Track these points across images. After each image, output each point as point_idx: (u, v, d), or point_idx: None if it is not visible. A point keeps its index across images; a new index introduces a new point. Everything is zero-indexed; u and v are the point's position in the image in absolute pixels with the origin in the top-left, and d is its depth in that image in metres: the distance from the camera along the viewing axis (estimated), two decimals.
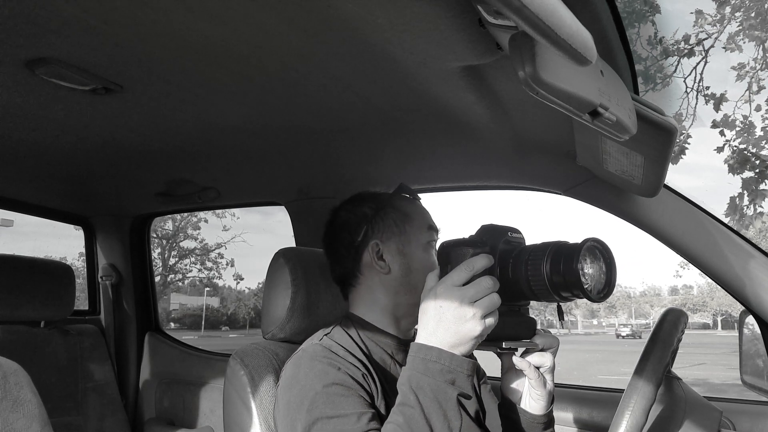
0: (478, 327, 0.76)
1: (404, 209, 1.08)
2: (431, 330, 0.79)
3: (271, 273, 1.19)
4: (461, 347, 0.77)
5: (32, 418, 0.70)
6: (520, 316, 0.89)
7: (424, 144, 1.30)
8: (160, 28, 0.81)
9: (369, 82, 0.98)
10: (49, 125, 1.24)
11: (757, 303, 1.09)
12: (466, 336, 0.77)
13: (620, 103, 0.70)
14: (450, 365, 0.77)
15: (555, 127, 1.10)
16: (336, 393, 0.86)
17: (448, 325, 0.77)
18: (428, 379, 0.76)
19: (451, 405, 0.76)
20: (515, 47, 0.59)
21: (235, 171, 1.59)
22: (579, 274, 0.76)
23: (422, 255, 1.05)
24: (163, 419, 2.03)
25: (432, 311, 0.79)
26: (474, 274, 0.79)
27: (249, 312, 34.00)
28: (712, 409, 0.92)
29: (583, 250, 0.77)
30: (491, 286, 0.77)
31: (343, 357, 0.94)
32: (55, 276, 1.83)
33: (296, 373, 0.92)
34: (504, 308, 0.82)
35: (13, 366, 0.72)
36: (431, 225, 1.09)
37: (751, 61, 5.74)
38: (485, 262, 0.80)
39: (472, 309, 0.76)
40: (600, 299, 0.80)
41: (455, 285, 0.78)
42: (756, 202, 5.33)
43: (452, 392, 0.76)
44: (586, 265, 0.79)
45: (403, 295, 1.03)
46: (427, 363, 0.77)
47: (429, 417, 0.75)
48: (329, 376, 0.88)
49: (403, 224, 1.06)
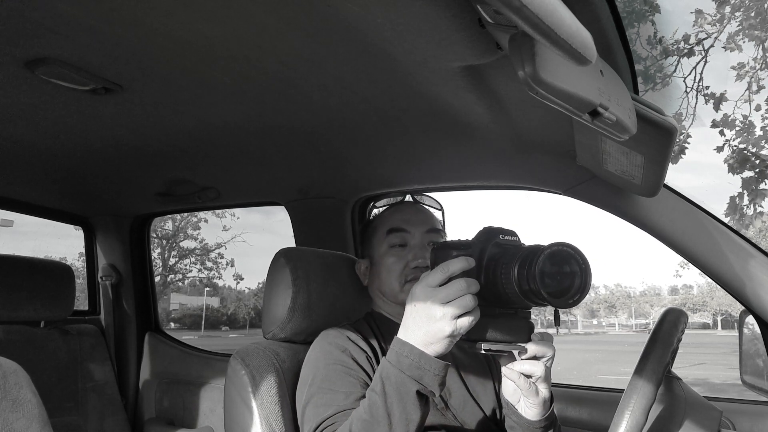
0: (447, 327, 0.78)
1: (374, 222, 1.24)
2: (407, 327, 0.83)
3: (272, 273, 1.19)
4: (433, 346, 0.80)
5: (32, 418, 0.70)
6: (512, 318, 0.87)
7: (424, 144, 1.30)
8: (160, 28, 0.81)
9: (369, 82, 0.98)
10: (49, 125, 1.24)
11: (757, 303, 1.09)
12: (436, 335, 0.79)
13: (620, 103, 0.70)
14: (419, 362, 0.80)
15: (555, 127, 1.09)
16: (335, 371, 0.99)
17: (420, 323, 0.81)
18: (396, 371, 0.81)
19: (410, 398, 0.80)
20: (515, 47, 0.59)
21: (235, 171, 1.59)
22: (537, 280, 0.74)
23: (386, 260, 1.16)
24: (163, 419, 2.03)
25: (409, 310, 0.84)
26: (450, 276, 0.80)
27: (249, 312, 34.01)
28: (712, 409, 0.92)
29: (543, 256, 0.75)
30: (464, 288, 0.79)
31: (354, 341, 1.06)
32: (55, 276, 1.83)
33: (310, 353, 1.07)
34: (495, 311, 0.83)
35: (13, 366, 0.72)
36: (392, 228, 1.17)
37: (751, 61, 5.74)
38: (462, 264, 0.81)
39: (442, 309, 0.78)
40: (569, 305, 0.77)
41: (430, 286, 0.81)
42: (756, 201, 5.32)
43: (412, 386, 0.80)
44: (547, 270, 0.76)
45: (384, 299, 1.18)
46: (400, 357, 0.81)
47: (389, 406, 0.80)
48: (333, 356, 1.02)
49: (370, 238, 1.22)
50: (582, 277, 0.77)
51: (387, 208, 1.25)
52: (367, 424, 0.81)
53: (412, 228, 1.16)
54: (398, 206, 1.24)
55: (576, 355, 21.03)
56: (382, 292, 1.17)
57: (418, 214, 1.20)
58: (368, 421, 0.81)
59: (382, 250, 1.17)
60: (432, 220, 1.21)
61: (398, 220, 1.18)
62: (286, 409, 1.08)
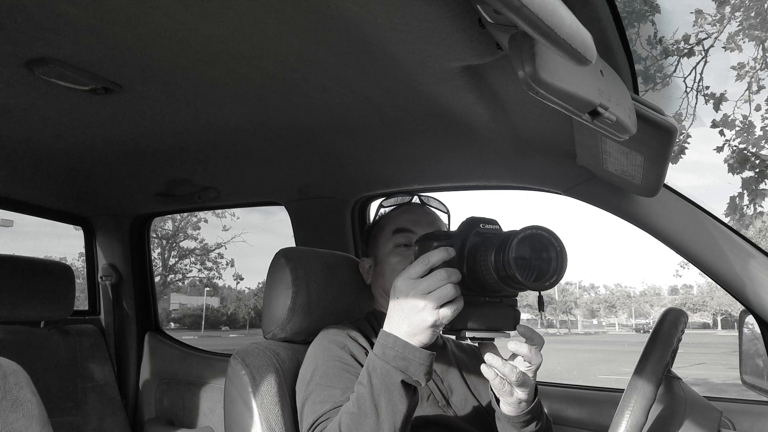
0: (429, 317, 0.79)
1: (381, 222, 1.24)
2: (392, 319, 0.84)
3: (272, 273, 1.19)
4: (418, 336, 0.81)
5: (32, 418, 0.70)
6: (497, 307, 0.86)
7: (424, 144, 1.30)
8: (160, 28, 0.81)
9: (369, 82, 0.98)
10: (49, 125, 1.24)
11: (757, 303, 1.09)
12: (419, 326, 0.80)
13: (620, 103, 0.70)
14: (403, 352, 0.81)
15: (555, 127, 1.09)
16: (333, 367, 1.00)
17: (403, 315, 0.82)
18: (382, 362, 0.82)
19: (395, 388, 0.81)
20: (515, 47, 0.59)
21: (235, 171, 1.59)
22: (512, 265, 0.75)
23: (391, 259, 1.17)
24: (163, 419, 2.03)
25: (392, 303, 0.85)
26: (431, 267, 0.81)
27: (249, 312, 34.01)
28: (712, 409, 0.92)
29: (516, 240, 0.76)
30: (444, 277, 0.80)
31: (354, 339, 1.07)
32: (55, 276, 1.83)
33: (309, 351, 1.08)
34: (479, 300, 0.83)
35: (13, 366, 0.72)
36: (399, 227, 1.18)
37: (751, 61, 5.74)
38: (442, 255, 0.82)
39: (423, 300, 0.79)
40: (546, 287, 0.78)
41: (411, 278, 0.82)
42: (756, 201, 5.32)
43: (397, 376, 0.80)
44: (522, 254, 0.77)
45: (386, 297, 1.16)
46: (385, 348, 0.82)
47: (376, 397, 0.81)
48: (331, 353, 1.03)
49: (376, 237, 1.23)
50: (558, 259, 0.78)
51: (394, 208, 1.26)
52: (355, 417, 0.82)
53: (419, 229, 1.16)
54: (406, 207, 1.25)
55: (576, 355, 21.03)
56: (385, 290, 1.18)
57: (425, 215, 1.21)
58: (356, 413, 0.82)
59: (388, 249, 1.18)
60: (438, 222, 1.22)
61: (405, 221, 1.19)
62: (286, 409, 1.08)
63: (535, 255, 0.78)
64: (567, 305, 62.10)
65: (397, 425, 0.80)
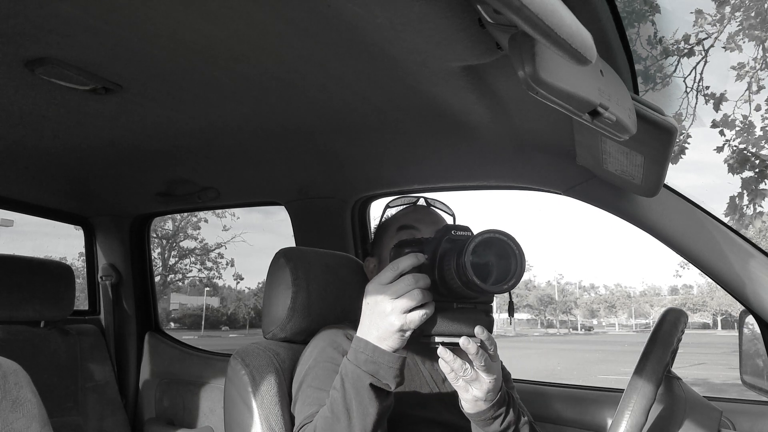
0: (396, 321, 0.80)
1: (386, 222, 1.23)
2: (363, 324, 0.86)
3: (272, 273, 1.19)
4: (387, 341, 0.82)
5: (32, 418, 0.70)
6: (469, 312, 0.86)
7: (424, 144, 1.30)
8: (160, 28, 0.81)
9: (369, 82, 0.98)
10: (49, 125, 1.24)
11: (757, 303, 1.09)
12: (387, 330, 0.81)
13: (620, 103, 0.70)
14: (373, 356, 0.82)
15: (555, 127, 1.09)
16: (325, 369, 1.00)
17: (372, 319, 0.84)
18: (353, 366, 0.83)
19: (364, 391, 0.82)
20: (515, 47, 0.59)
21: (235, 171, 1.59)
22: (469, 270, 0.75)
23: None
24: (162, 419, 2.03)
25: (364, 307, 0.86)
26: (401, 272, 0.82)
27: (249, 312, 34.02)
28: (712, 409, 0.92)
29: (472, 246, 0.76)
30: (412, 283, 0.81)
31: (350, 339, 1.04)
32: (55, 276, 1.83)
33: (305, 351, 1.09)
34: (452, 305, 0.84)
35: (13, 366, 0.72)
36: (403, 225, 1.17)
37: (751, 61, 5.74)
38: (411, 261, 0.83)
39: (392, 304, 0.81)
40: (504, 290, 0.78)
41: (381, 284, 0.83)
42: (756, 201, 5.32)
43: (366, 380, 0.82)
44: (477, 259, 0.77)
45: None
46: (356, 353, 0.84)
47: (348, 401, 0.83)
48: (325, 354, 1.03)
49: (381, 236, 1.22)
50: (516, 262, 0.78)
51: (400, 209, 1.27)
52: (329, 421, 0.83)
53: (423, 227, 1.16)
54: (411, 207, 1.26)
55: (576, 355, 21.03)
56: None
57: (430, 215, 1.22)
58: (329, 417, 0.84)
59: (392, 247, 1.18)
60: (442, 223, 1.22)
61: (410, 219, 1.19)
62: (286, 409, 1.08)
63: (493, 259, 0.79)
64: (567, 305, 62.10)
65: (367, 429, 0.82)
